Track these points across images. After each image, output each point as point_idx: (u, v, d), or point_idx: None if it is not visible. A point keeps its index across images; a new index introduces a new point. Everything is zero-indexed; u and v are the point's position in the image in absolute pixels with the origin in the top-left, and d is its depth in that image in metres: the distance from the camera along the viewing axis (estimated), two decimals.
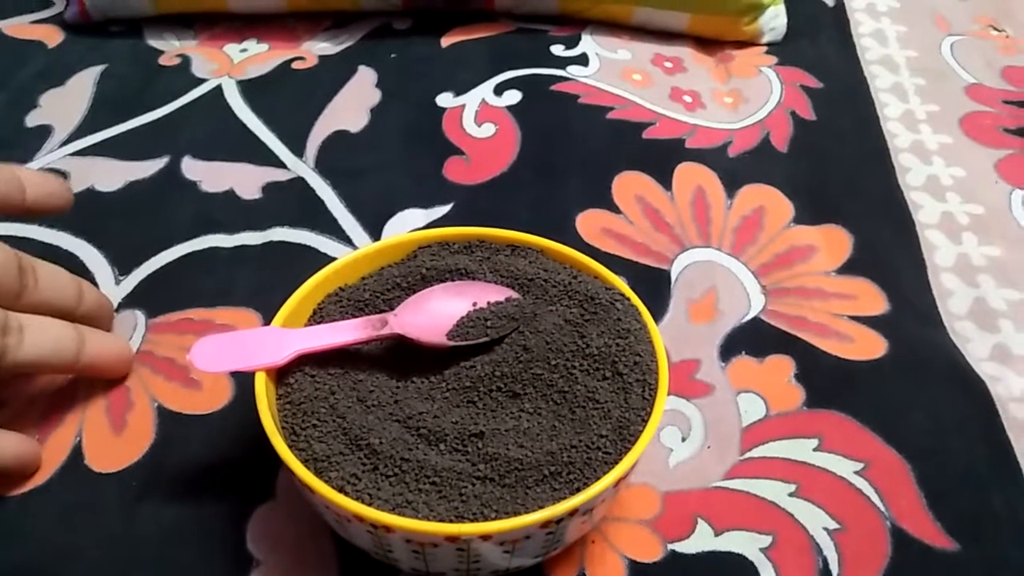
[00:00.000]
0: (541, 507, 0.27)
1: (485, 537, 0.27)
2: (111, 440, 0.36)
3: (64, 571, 0.32)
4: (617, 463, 0.29)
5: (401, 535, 0.27)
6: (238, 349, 0.31)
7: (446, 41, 0.59)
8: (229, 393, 0.38)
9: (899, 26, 0.64)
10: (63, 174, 0.48)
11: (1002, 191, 0.50)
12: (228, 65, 0.57)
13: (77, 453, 0.36)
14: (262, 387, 0.30)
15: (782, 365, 0.40)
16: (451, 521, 0.27)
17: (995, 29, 0.64)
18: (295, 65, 0.57)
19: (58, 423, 0.37)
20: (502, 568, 0.30)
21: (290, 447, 0.29)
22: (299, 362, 0.32)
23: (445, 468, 0.29)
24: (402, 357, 0.33)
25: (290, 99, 0.54)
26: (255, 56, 0.58)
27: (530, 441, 0.30)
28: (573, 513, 0.28)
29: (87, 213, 0.45)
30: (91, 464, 0.35)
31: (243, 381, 0.38)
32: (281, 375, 0.32)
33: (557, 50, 0.58)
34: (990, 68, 0.60)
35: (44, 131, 0.52)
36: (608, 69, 0.57)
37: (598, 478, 0.28)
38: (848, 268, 0.45)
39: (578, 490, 0.28)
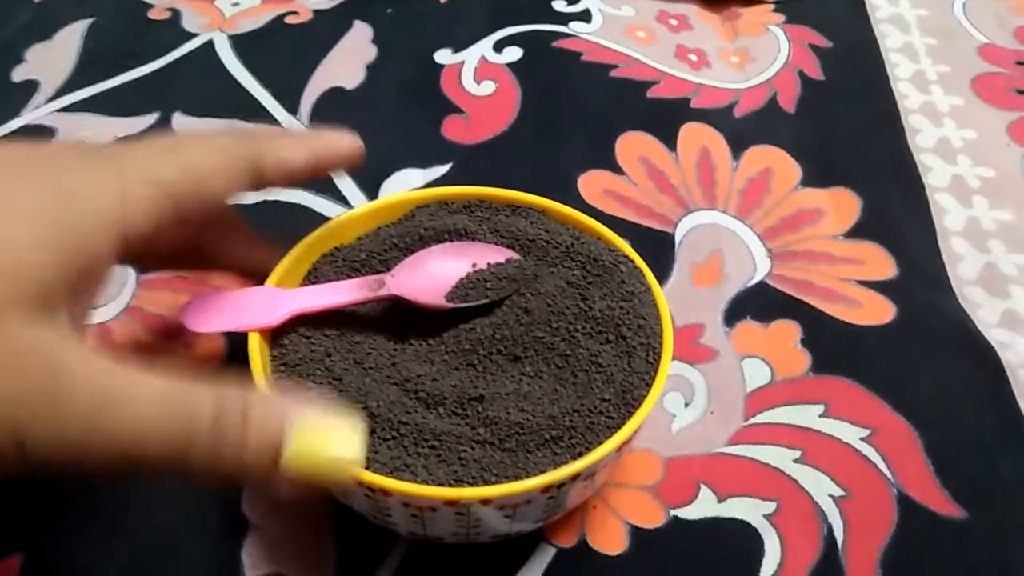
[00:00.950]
0: (542, 472, 0.27)
1: (485, 501, 0.26)
2: None
3: (55, 531, 0.32)
4: (620, 428, 0.28)
5: (399, 499, 0.26)
6: (231, 309, 0.30)
7: None
8: (221, 354, 0.37)
9: None
10: (51, 131, 0.47)
11: (1014, 154, 0.49)
12: (219, 19, 0.56)
13: None
14: (256, 348, 0.29)
15: (788, 330, 0.39)
16: (450, 485, 0.27)
17: None
18: (288, 20, 0.56)
19: None
20: (503, 533, 0.30)
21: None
22: (294, 323, 0.31)
23: (444, 432, 0.28)
24: (400, 319, 0.32)
25: (283, 55, 0.53)
26: (247, 10, 0.57)
27: (531, 405, 0.29)
28: (575, 478, 0.27)
29: None
30: None
31: (235, 341, 0.37)
32: (275, 336, 0.31)
33: (559, 6, 0.57)
34: (1003, 28, 0.58)
35: (30, 86, 0.50)
36: (611, 26, 0.56)
37: (600, 443, 0.28)
38: (856, 232, 0.44)
39: (580, 455, 0.28)
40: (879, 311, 0.40)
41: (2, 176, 0.23)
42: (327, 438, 0.24)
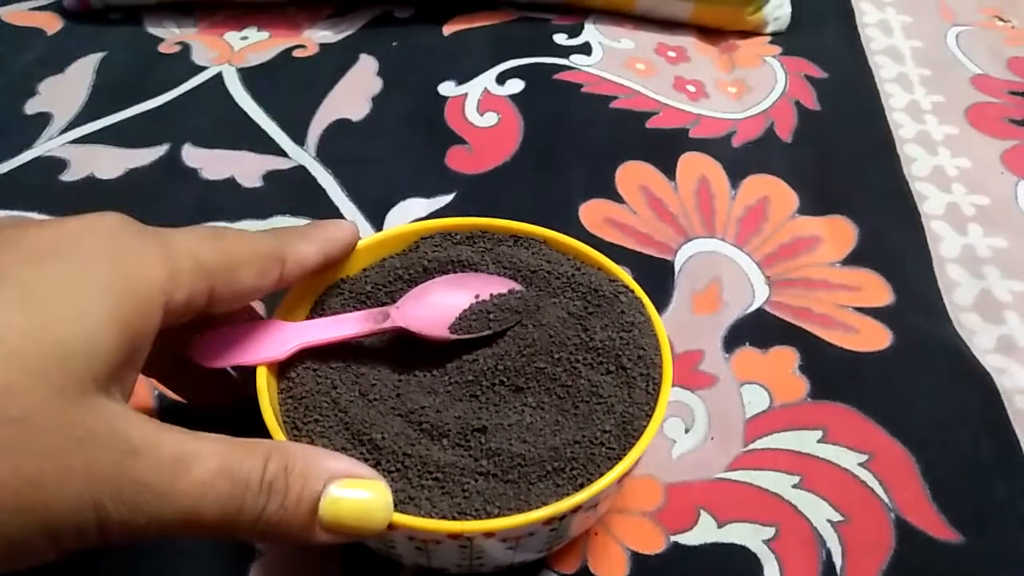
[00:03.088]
0: (545, 503, 0.27)
1: (488, 534, 0.27)
2: None
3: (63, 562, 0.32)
4: (621, 459, 0.28)
5: (404, 532, 0.27)
6: (240, 343, 0.31)
7: (448, 29, 0.59)
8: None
9: (904, 16, 0.63)
10: (63, 162, 0.48)
11: (1008, 182, 0.50)
12: (228, 53, 0.57)
13: None
14: (263, 381, 0.30)
15: (786, 356, 0.40)
16: (454, 518, 0.27)
17: (1001, 20, 0.64)
18: (296, 53, 0.57)
19: None
20: (505, 563, 0.30)
21: (292, 442, 0.29)
22: (300, 355, 0.32)
23: (448, 463, 0.28)
24: (404, 350, 0.33)
25: (291, 87, 0.54)
26: (256, 44, 0.58)
27: (533, 436, 0.29)
28: (577, 509, 0.27)
29: (87, 201, 0.45)
30: None
31: (242, 374, 0.38)
32: (282, 369, 0.32)
33: (560, 39, 0.58)
34: (996, 59, 0.59)
35: (43, 118, 0.52)
36: (611, 58, 0.57)
37: (602, 474, 0.28)
38: (853, 259, 0.45)
39: (582, 486, 0.28)
40: (876, 337, 0.41)
41: (63, 253, 0.23)
42: (361, 489, 0.25)
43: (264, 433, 0.29)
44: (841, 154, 0.51)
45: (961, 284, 0.44)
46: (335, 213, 0.45)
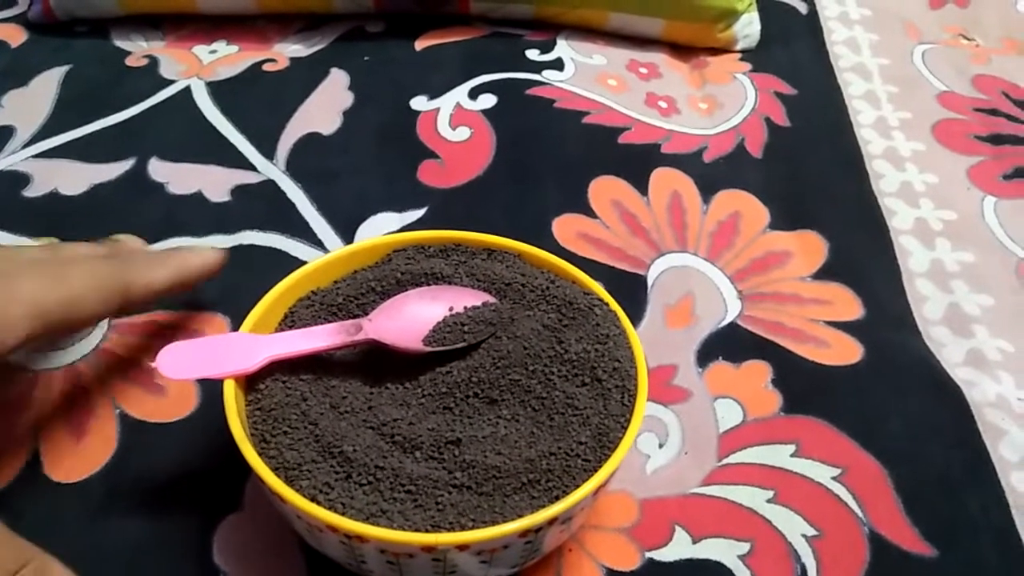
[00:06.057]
0: (519, 516, 0.27)
1: (462, 547, 0.26)
2: (72, 448, 0.35)
3: None
4: (596, 471, 0.28)
5: (375, 545, 0.26)
6: (207, 355, 0.30)
7: (420, 44, 0.59)
8: (195, 400, 0.37)
9: (871, 34, 0.65)
10: (25, 177, 0.47)
11: (974, 197, 0.51)
12: (197, 66, 0.56)
13: (36, 462, 0.34)
14: (231, 394, 0.29)
15: (759, 370, 0.40)
16: (427, 530, 0.27)
17: (965, 38, 0.65)
18: (266, 67, 0.56)
19: (13, 429, 0.35)
20: None
21: (260, 455, 0.28)
22: (270, 367, 0.31)
23: (421, 476, 0.28)
24: (376, 362, 0.32)
25: (261, 101, 0.54)
26: (225, 57, 0.57)
27: (508, 448, 0.29)
28: (552, 522, 0.27)
29: (52, 218, 0.44)
30: (50, 474, 0.34)
31: (210, 387, 0.37)
32: (251, 381, 0.31)
33: (532, 54, 0.58)
34: (961, 76, 0.61)
35: (6, 132, 0.50)
36: (583, 74, 0.57)
37: (577, 486, 0.28)
38: (823, 274, 0.45)
39: (557, 498, 0.28)
40: (847, 351, 0.41)
41: None
42: None
43: (231, 445, 0.28)
44: (811, 170, 0.52)
45: (930, 298, 0.44)
46: (305, 228, 0.45)
